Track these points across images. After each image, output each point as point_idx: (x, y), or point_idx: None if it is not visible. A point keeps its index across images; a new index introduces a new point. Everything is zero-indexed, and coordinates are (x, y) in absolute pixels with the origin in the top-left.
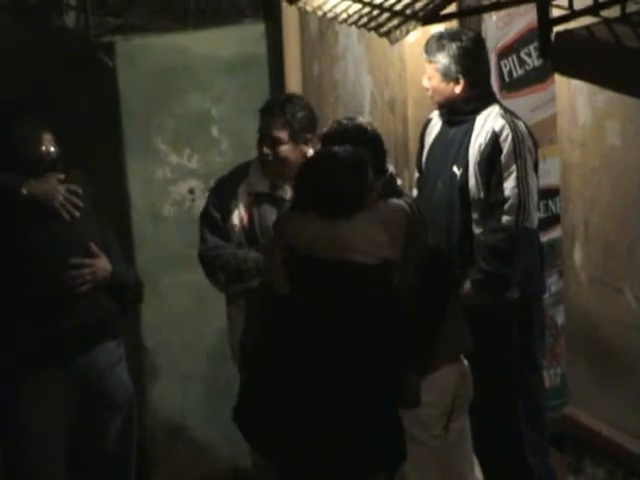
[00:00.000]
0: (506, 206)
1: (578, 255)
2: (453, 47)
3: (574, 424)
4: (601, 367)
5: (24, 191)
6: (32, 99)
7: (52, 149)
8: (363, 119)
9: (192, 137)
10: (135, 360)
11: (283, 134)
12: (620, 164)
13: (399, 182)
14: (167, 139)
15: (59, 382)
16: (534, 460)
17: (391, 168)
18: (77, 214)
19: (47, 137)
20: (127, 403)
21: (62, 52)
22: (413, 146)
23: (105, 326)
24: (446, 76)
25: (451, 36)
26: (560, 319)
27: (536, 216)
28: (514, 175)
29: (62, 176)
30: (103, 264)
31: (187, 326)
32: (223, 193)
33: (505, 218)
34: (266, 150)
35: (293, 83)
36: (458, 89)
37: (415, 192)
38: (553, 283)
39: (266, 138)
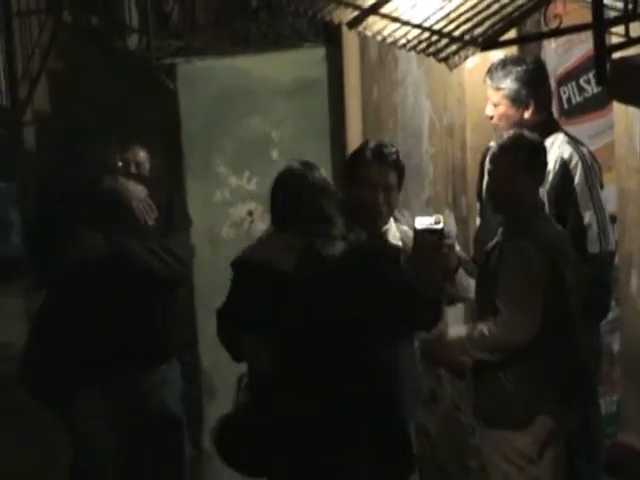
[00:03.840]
0: (588, 234)
1: (635, 283)
2: (520, 71)
3: (628, 451)
4: None
5: (107, 183)
6: (95, 120)
7: (147, 165)
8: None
9: (251, 160)
10: (193, 381)
11: (394, 181)
12: None
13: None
14: (227, 161)
15: (105, 399)
16: None
17: None
18: (150, 221)
19: (140, 153)
20: (171, 426)
21: (124, 74)
22: (471, 172)
23: (164, 344)
24: (515, 101)
25: (515, 61)
26: (616, 346)
27: (613, 238)
28: (590, 203)
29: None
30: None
31: None
32: None
33: (590, 248)
34: (381, 199)
35: (353, 107)
36: (527, 114)
37: (478, 221)
38: (610, 310)
39: (378, 187)
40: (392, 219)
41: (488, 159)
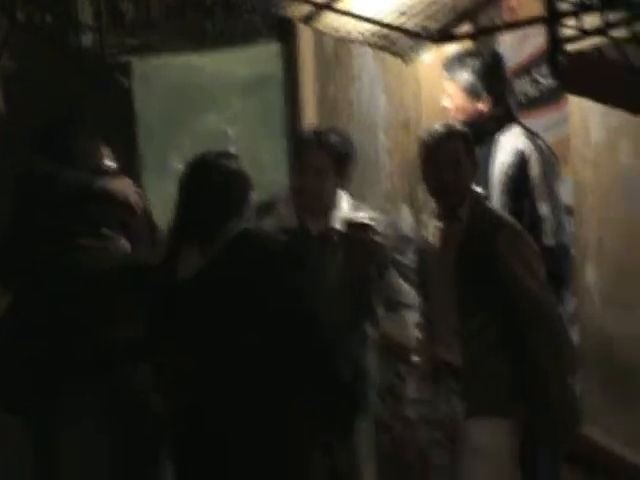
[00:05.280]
0: (544, 226)
1: (591, 274)
2: (476, 64)
3: (587, 443)
4: (616, 387)
5: (98, 185)
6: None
7: (110, 163)
8: None
9: None
10: None
11: (328, 166)
12: (633, 183)
13: None
14: (183, 158)
15: (98, 399)
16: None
17: None
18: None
19: (101, 149)
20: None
21: (78, 72)
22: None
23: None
24: (471, 93)
25: (472, 53)
26: (574, 339)
27: (569, 230)
28: (546, 195)
29: (129, 180)
30: (117, 245)
31: None
32: None
33: (546, 239)
34: (311, 183)
35: (308, 103)
36: (483, 107)
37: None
38: (567, 302)
39: (309, 171)
40: (348, 208)
41: (425, 151)
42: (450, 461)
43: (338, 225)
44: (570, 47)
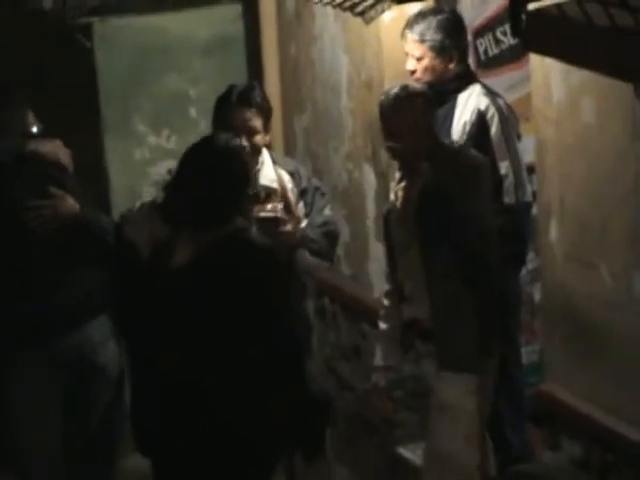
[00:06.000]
0: (505, 185)
1: (553, 232)
2: (441, 20)
3: (551, 400)
4: (577, 343)
5: (30, 148)
6: (9, 80)
7: (35, 127)
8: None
9: (170, 118)
10: None
11: (259, 123)
12: (594, 141)
13: None
14: (145, 120)
15: (51, 361)
16: (512, 436)
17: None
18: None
19: (29, 115)
20: (118, 374)
21: (39, 34)
22: None
23: (95, 301)
24: (441, 52)
25: (434, 11)
26: (537, 296)
27: (530, 189)
28: (507, 154)
29: (59, 141)
30: (66, 203)
31: None
32: None
33: (506, 198)
34: (244, 143)
35: (270, 64)
36: (452, 65)
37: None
38: (530, 260)
39: (241, 130)
40: (270, 161)
41: (382, 113)
42: (417, 419)
43: (265, 182)
44: (531, 5)
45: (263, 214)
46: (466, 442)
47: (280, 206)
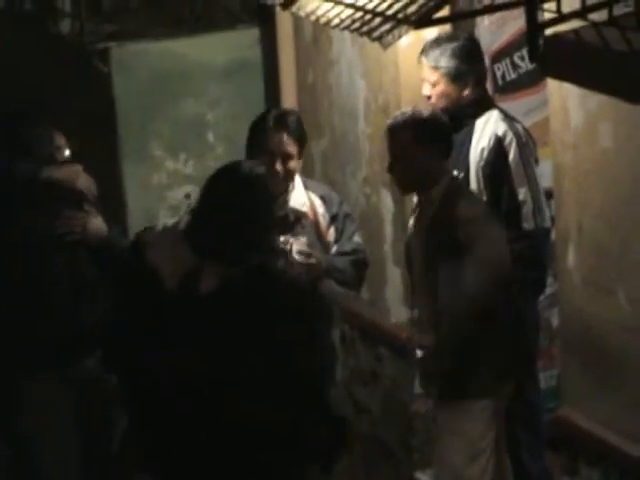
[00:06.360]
0: (523, 211)
1: (571, 257)
2: (456, 48)
3: (569, 425)
4: (595, 369)
5: (44, 174)
6: (30, 105)
7: (66, 151)
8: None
9: (188, 142)
10: None
11: (294, 149)
12: (612, 166)
13: None
14: (163, 145)
15: (60, 389)
16: (530, 461)
17: None
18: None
19: (58, 139)
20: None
21: (58, 59)
22: None
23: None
24: (455, 79)
25: (450, 38)
26: (555, 321)
27: (548, 214)
28: (525, 179)
29: (80, 166)
30: (97, 221)
31: None
32: None
33: (525, 224)
34: (278, 167)
35: (287, 88)
36: (466, 92)
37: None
38: (548, 285)
39: (276, 154)
40: (302, 185)
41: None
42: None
43: (295, 205)
44: (549, 30)
45: (296, 250)
46: (472, 462)
47: (304, 239)
